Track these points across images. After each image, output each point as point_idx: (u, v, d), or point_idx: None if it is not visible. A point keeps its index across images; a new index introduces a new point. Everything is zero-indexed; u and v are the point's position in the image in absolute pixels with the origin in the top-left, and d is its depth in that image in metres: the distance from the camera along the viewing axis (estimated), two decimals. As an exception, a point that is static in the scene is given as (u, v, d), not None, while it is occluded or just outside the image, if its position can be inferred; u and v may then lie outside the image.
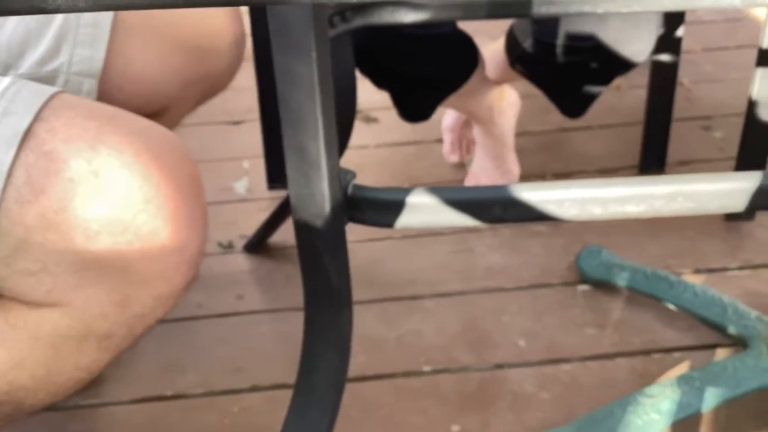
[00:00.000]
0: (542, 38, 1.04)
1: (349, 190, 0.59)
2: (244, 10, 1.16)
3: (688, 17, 1.78)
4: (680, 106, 1.53)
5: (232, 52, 0.77)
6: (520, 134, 1.45)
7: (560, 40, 1.02)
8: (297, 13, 0.49)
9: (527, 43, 1.07)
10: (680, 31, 1.22)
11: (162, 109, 0.74)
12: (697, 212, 0.59)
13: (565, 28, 1.01)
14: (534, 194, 0.59)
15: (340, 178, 0.58)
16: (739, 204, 0.58)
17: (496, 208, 0.59)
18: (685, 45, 1.71)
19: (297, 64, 0.52)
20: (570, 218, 0.59)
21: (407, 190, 0.58)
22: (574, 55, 1.02)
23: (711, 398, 0.88)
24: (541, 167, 1.39)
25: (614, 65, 1.02)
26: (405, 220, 0.59)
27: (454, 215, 0.59)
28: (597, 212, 0.59)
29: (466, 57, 1.09)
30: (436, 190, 0.59)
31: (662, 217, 1.26)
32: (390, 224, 0.59)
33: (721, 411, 0.94)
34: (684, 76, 1.62)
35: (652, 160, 1.34)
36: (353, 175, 0.59)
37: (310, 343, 0.65)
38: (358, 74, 1.04)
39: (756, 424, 0.93)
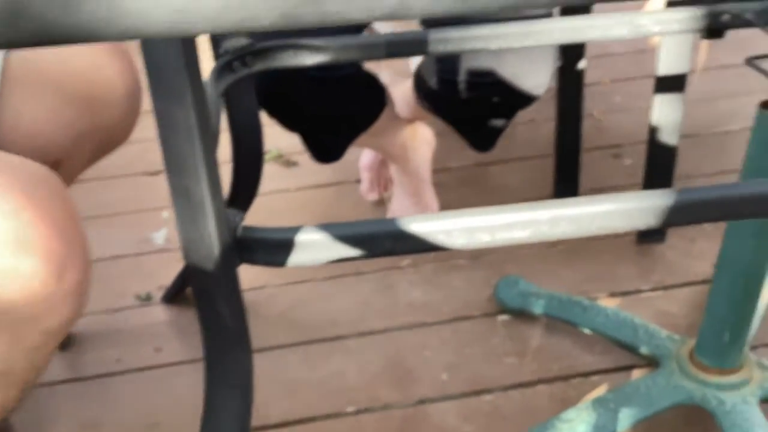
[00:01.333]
0: (445, 76, 1.06)
1: (239, 232, 0.59)
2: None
3: (596, 50, 1.85)
4: (591, 135, 1.58)
5: (126, 104, 0.76)
6: (439, 170, 1.48)
7: (462, 77, 1.05)
8: (169, 56, 0.50)
9: (432, 81, 1.10)
10: (582, 64, 1.27)
11: (56, 162, 0.73)
12: (579, 234, 0.61)
13: (466, 65, 1.04)
14: (422, 226, 0.59)
15: (228, 219, 0.58)
16: (620, 225, 0.60)
17: (386, 242, 0.60)
18: (594, 77, 1.78)
19: (173, 108, 0.52)
20: (459, 247, 0.60)
21: (296, 229, 0.58)
22: (477, 91, 1.05)
23: (626, 419, 0.90)
24: (461, 202, 1.41)
25: (515, 99, 1.05)
26: (296, 258, 0.59)
27: (345, 250, 0.59)
28: (485, 239, 0.60)
29: (373, 97, 1.11)
30: (326, 227, 0.59)
31: (578, 245, 1.29)
32: (282, 263, 0.59)
33: (637, 430, 0.96)
34: (594, 107, 1.68)
35: (566, 189, 1.38)
36: (242, 216, 0.59)
37: (211, 390, 0.64)
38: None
39: (673, 442, 0.95)
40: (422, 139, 1.29)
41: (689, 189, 0.57)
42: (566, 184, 1.38)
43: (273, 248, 0.59)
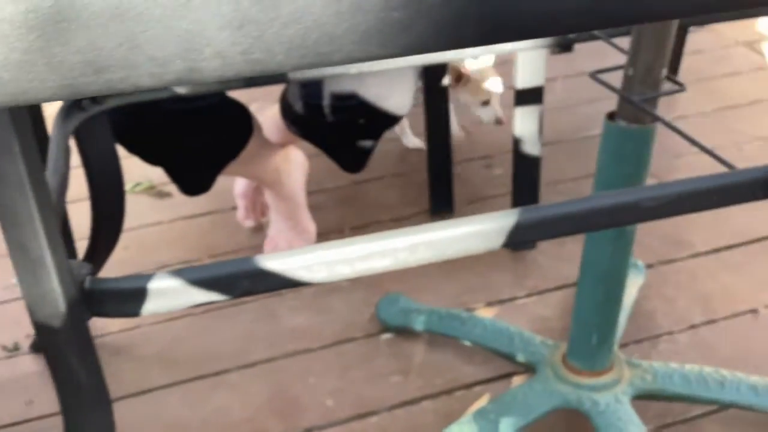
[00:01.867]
0: (310, 100, 1.06)
1: (86, 284, 0.56)
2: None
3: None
4: (464, 148, 1.61)
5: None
6: (315, 192, 1.47)
7: (326, 101, 1.05)
8: (-9, 110, 0.47)
9: (298, 106, 1.09)
10: (446, 80, 1.29)
11: None
12: (438, 258, 0.61)
13: (329, 90, 1.04)
14: (281, 263, 0.59)
15: (72, 272, 0.55)
16: (475, 247, 0.61)
17: (244, 282, 0.59)
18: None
19: (1, 161, 0.49)
20: (320, 281, 0.60)
21: (148, 277, 0.56)
22: (341, 114, 1.05)
23: (505, 429, 0.92)
24: (339, 222, 1.41)
25: (380, 120, 1.05)
26: (150, 306, 0.57)
27: (202, 295, 0.58)
28: (346, 272, 0.60)
29: (239, 125, 1.09)
30: (180, 271, 0.57)
31: (456, 258, 1.32)
32: (135, 313, 0.56)
33: (520, 438, 0.98)
34: (464, 119, 1.71)
35: (441, 202, 1.40)
36: (88, 268, 0.56)
37: (71, 450, 0.60)
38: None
39: (553, 445, 0.98)
40: (295, 162, 1.28)
41: (534, 207, 0.58)
42: (441, 197, 1.40)
43: (124, 298, 0.56)
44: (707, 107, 1.71)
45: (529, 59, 1.11)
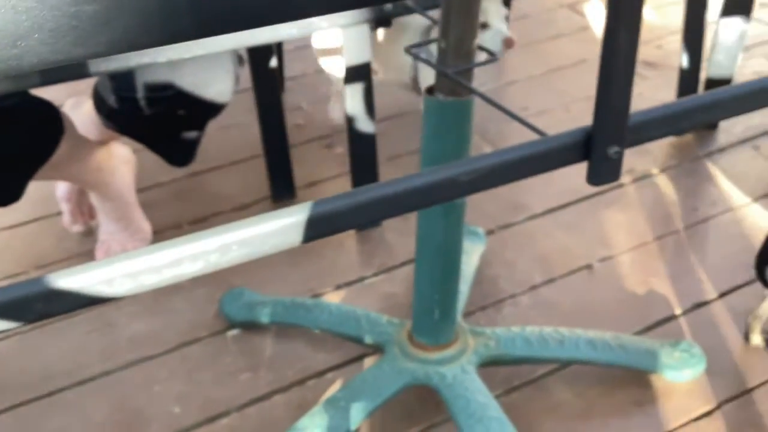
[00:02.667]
0: (123, 93, 0.99)
1: None
2: None
3: (297, 42, 1.86)
4: (302, 129, 1.58)
5: None
6: (148, 187, 1.40)
7: (141, 93, 0.98)
8: None
9: (111, 100, 1.02)
10: (273, 62, 1.25)
11: None
12: (254, 256, 0.58)
13: (142, 80, 0.98)
14: (77, 279, 0.53)
15: None
16: (291, 240, 0.58)
17: (37, 305, 0.53)
18: (297, 69, 1.78)
19: None
20: (126, 294, 0.55)
21: None
22: (159, 106, 0.99)
23: (358, 414, 0.90)
24: (177, 217, 1.34)
25: (202, 109, 1.00)
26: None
27: (-12, 325, 0.52)
28: (153, 281, 0.56)
29: (46, 125, 1.01)
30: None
31: (273, 253, 1.29)
32: None
33: (374, 421, 0.97)
34: (303, 99, 1.68)
35: (282, 187, 1.37)
36: None
37: None
38: None
39: (408, 423, 0.98)
40: (119, 159, 1.20)
41: (343, 195, 0.56)
42: (281, 182, 1.36)
43: None
44: (536, 71, 1.76)
45: (352, 36, 1.09)
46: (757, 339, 1.06)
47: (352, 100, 1.18)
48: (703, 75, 1.50)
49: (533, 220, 1.31)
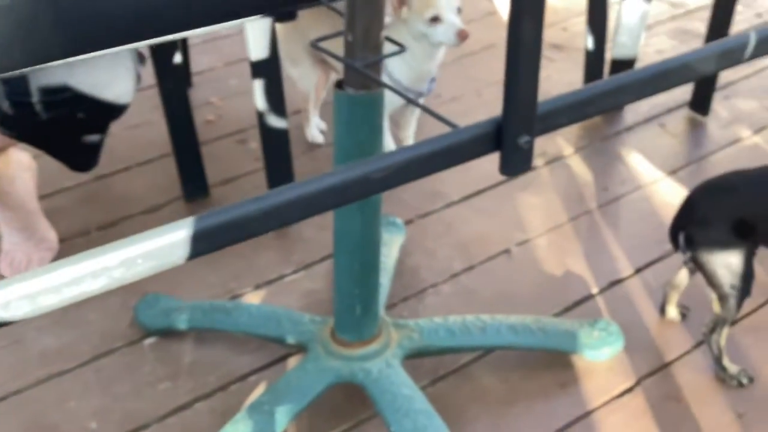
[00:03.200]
0: (17, 98, 0.94)
1: None
2: None
3: (203, 36, 1.81)
4: (213, 124, 1.54)
5: None
6: (52, 194, 1.33)
7: (36, 97, 0.93)
8: None
9: (5, 105, 0.96)
10: (178, 57, 1.21)
11: None
12: (162, 268, 0.56)
13: (36, 84, 0.92)
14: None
15: None
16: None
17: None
18: (205, 63, 1.73)
19: None
20: (23, 317, 0.52)
21: None
22: (56, 110, 0.94)
23: (283, 417, 0.88)
24: (85, 223, 1.28)
25: (102, 111, 0.96)
26: None
27: None
28: (52, 302, 0.53)
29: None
30: None
31: (229, 246, 1.26)
32: None
33: (300, 422, 0.95)
34: (212, 94, 1.63)
35: (194, 186, 1.33)
36: None
37: None
38: None
39: (335, 422, 0.96)
40: (19, 166, 1.14)
41: (252, 200, 0.54)
42: (193, 180, 1.32)
43: None
44: (448, 57, 1.76)
45: (257, 31, 1.06)
46: (673, 312, 1.09)
47: (262, 94, 1.15)
48: (609, 55, 1.53)
49: (451, 208, 1.31)
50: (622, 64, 1.49)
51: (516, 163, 0.64)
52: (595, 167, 1.41)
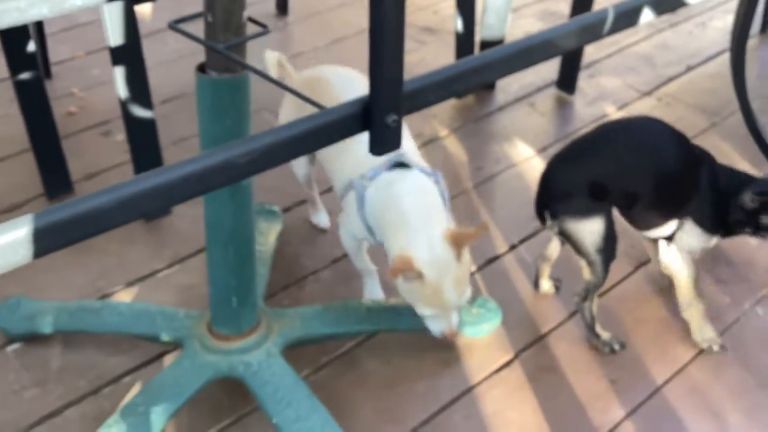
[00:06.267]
0: None
1: None
2: None
3: (63, 23, 1.71)
4: (75, 116, 1.46)
5: None
6: None
7: None
8: None
9: None
10: (31, 46, 1.13)
11: None
12: (5, 269, 0.51)
13: None
14: None
15: None
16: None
17: None
18: (64, 52, 1.64)
19: None
20: None
21: None
22: None
23: (159, 418, 0.85)
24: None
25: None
26: None
27: None
28: None
29: None
30: None
31: (81, 240, 1.19)
32: None
33: (179, 421, 0.92)
34: (73, 85, 1.55)
35: (56, 183, 1.25)
36: None
37: None
38: None
39: (216, 419, 0.93)
40: None
41: (98, 193, 0.50)
42: (55, 176, 1.25)
43: None
44: (320, 41, 1.75)
45: (114, 15, 1.01)
46: (546, 285, 1.12)
47: (124, 83, 1.10)
48: (478, 38, 1.56)
49: (330, 193, 1.30)
50: (490, 45, 1.52)
51: (385, 142, 0.63)
52: (470, 147, 1.43)
